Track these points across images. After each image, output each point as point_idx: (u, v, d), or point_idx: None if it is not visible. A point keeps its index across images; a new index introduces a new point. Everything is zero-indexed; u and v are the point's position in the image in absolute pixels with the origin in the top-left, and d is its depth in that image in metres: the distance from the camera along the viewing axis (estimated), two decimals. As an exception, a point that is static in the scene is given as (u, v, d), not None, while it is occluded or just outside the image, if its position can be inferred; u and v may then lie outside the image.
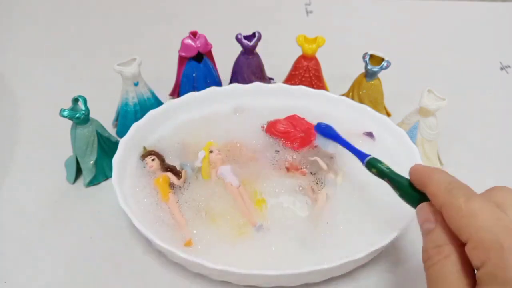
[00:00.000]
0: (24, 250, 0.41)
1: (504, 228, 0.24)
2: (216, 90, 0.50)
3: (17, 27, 0.72)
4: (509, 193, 0.27)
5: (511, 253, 0.23)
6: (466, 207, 0.25)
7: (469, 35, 0.72)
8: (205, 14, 0.76)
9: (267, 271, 0.34)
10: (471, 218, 0.25)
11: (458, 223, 0.25)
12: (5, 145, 0.51)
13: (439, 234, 0.27)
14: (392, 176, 0.33)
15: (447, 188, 0.27)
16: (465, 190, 0.27)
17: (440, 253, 0.26)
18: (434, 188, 0.28)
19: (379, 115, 0.47)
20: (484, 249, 0.24)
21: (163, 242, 0.35)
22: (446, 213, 0.26)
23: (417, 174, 0.30)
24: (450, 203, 0.26)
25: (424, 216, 0.28)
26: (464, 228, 0.25)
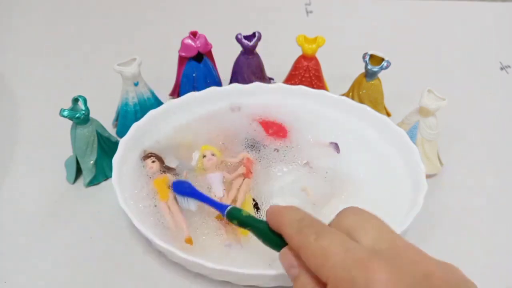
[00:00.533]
0: (24, 250, 0.41)
1: (354, 262, 0.23)
2: (216, 90, 0.50)
3: (17, 27, 0.72)
4: (357, 216, 0.27)
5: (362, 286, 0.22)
6: (316, 246, 0.25)
7: (469, 35, 0.72)
8: (205, 14, 0.76)
9: (267, 271, 0.34)
10: (323, 258, 0.24)
11: (314, 264, 0.25)
12: (5, 145, 0.51)
13: (305, 278, 0.26)
14: (253, 223, 0.32)
15: (298, 227, 0.27)
16: (315, 227, 0.26)
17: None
18: (287, 229, 0.27)
19: (379, 115, 0.47)
20: None
21: (163, 242, 0.35)
22: (303, 255, 0.26)
23: (272, 216, 0.29)
24: (302, 244, 0.26)
25: (287, 262, 0.28)
26: (320, 269, 0.25)
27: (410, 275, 0.23)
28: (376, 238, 0.25)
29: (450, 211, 0.45)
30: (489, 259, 0.41)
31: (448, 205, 0.45)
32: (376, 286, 0.22)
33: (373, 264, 0.23)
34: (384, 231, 0.26)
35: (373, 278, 0.22)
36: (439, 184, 0.47)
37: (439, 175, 0.48)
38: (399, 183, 0.42)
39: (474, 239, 0.42)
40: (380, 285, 0.22)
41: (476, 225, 0.44)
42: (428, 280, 0.23)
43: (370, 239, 0.25)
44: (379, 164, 0.44)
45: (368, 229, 0.26)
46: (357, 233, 0.25)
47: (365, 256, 0.24)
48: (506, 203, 0.46)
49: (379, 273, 0.22)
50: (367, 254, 0.24)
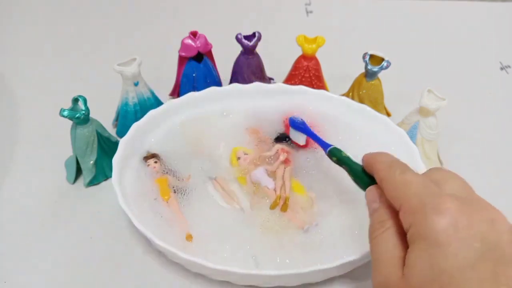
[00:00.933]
0: (24, 250, 0.41)
1: (429, 193, 0.26)
2: (216, 90, 0.50)
3: (17, 27, 0.72)
4: (444, 172, 0.29)
5: (432, 212, 0.24)
6: (400, 178, 0.28)
7: (469, 35, 0.72)
8: (205, 14, 0.76)
9: (267, 271, 0.34)
10: (403, 187, 0.27)
11: (393, 192, 0.28)
12: (5, 145, 0.51)
13: (383, 211, 0.29)
14: (349, 162, 0.36)
15: (389, 164, 0.30)
16: (402, 166, 0.29)
17: (382, 227, 0.28)
18: (377, 166, 0.31)
19: (379, 115, 0.47)
20: (411, 212, 0.26)
21: (163, 242, 0.35)
22: (385, 186, 0.29)
23: (367, 158, 0.33)
24: (387, 176, 0.29)
25: (370, 197, 0.31)
26: (397, 196, 0.27)
27: (478, 214, 0.25)
28: (457, 188, 0.27)
29: (450, 211, 0.45)
30: None
31: (448, 205, 0.45)
32: (443, 212, 0.24)
33: (446, 197, 0.25)
34: (465, 186, 0.28)
35: (443, 206, 0.24)
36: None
37: (439, 175, 0.48)
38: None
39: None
40: (447, 212, 0.24)
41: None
42: (493, 224, 0.24)
43: (451, 187, 0.27)
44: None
45: (452, 181, 0.28)
46: (442, 183, 0.28)
47: (441, 192, 0.26)
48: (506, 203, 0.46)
49: (449, 203, 0.25)
50: (443, 193, 0.26)
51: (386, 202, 0.29)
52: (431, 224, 0.24)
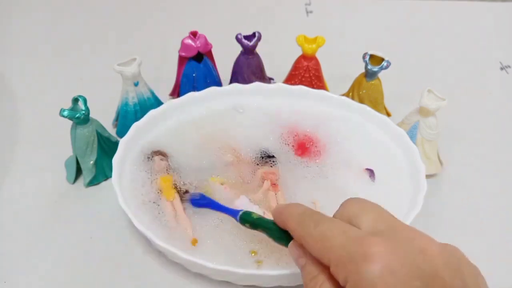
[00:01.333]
0: (24, 250, 0.41)
1: (352, 240, 0.24)
2: (216, 90, 0.50)
3: (17, 27, 0.72)
4: (358, 204, 0.28)
5: (362, 261, 0.23)
6: (316, 232, 0.26)
7: (469, 35, 0.72)
8: (205, 14, 0.76)
9: (267, 271, 0.34)
10: (323, 241, 0.26)
11: (315, 250, 0.26)
12: (5, 145, 0.51)
13: (311, 267, 0.27)
14: (263, 224, 0.33)
15: (300, 219, 0.28)
16: (314, 216, 0.28)
17: (316, 283, 0.26)
18: (290, 224, 0.29)
19: (379, 115, 0.47)
20: (342, 266, 0.24)
21: (163, 242, 0.35)
22: (305, 244, 0.27)
23: (277, 213, 0.31)
24: (303, 233, 0.27)
25: (295, 253, 0.29)
26: (321, 253, 0.26)
27: (406, 249, 0.24)
28: (375, 221, 0.26)
29: (450, 211, 0.45)
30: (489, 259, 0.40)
31: (448, 205, 0.45)
32: (373, 259, 0.23)
33: (370, 240, 0.24)
34: (383, 215, 0.27)
35: (370, 251, 0.23)
36: (439, 184, 0.47)
37: (439, 175, 0.48)
38: (399, 183, 0.42)
39: (474, 239, 0.42)
40: (377, 257, 0.23)
41: (476, 225, 0.44)
42: (423, 254, 0.24)
43: (369, 222, 0.26)
44: (379, 164, 0.44)
45: (368, 214, 0.27)
46: (357, 220, 0.27)
47: (362, 235, 0.25)
48: (506, 203, 0.46)
49: (376, 246, 0.23)
50: (364, 234, 0.25)
51: (312, 257, 0.27)
52: (365, 274, 0.23)
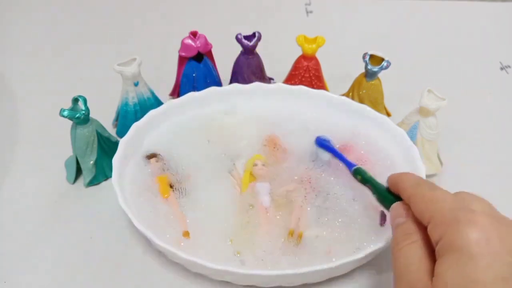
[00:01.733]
0: (24, 250, 0.41)
1: (460, 208, 0.26)
2: (216, 90, 0.50)
3: (17, 27, 0.72)
4: (471, 194, 0.29)
5: (465, 225, 0.25)
6: (429, 194, 0.29)
7: (469, 35, 0.72)
8: (205, 14, 0.76)
9: (267, 271, 0.34)
10: (433, 202, 0.28)
11: (422, 207, 0.28)
12: (5, 145, 0.51)
13: (409, 224, 0.29)
14: (373, 182, 0.37)
15: (415, 183, 0.31)
16: (430, 184, 0.30)
17: (408, 239, 0.28)
18: (404, 184, 0.31)
19: (379, 115, 0.47)
20: (443, 224, 0.26)
21: (163, 242, 0.35)
22: (413, 202, 0.29)
23: (392, 178, 0.34)
24: (416, 193, 0.30)
25: (396, 212, 0.31)
26: (426, 211, 0.28)
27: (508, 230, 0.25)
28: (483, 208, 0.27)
29: (450, 211, 0.45)
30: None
31: (448, 205, 0.45)
32: (476, 225, 0.25)
33: (478, 213, 0.26)
34: (492, 207, 0.28)
35: (475, 219, 0.25)
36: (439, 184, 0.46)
37: (439, 175, 0.48)
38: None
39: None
40: (480, 225, 0.25)
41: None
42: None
43: (477, 207, 0.27)
44: (379, 164, 0.44)
45: (478, 202, 0.28)
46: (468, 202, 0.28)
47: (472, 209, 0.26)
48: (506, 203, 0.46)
49: (481, 218, 0.25)
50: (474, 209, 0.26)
51: (412, 217, 0.29)
52: (464, 236, 0.24)
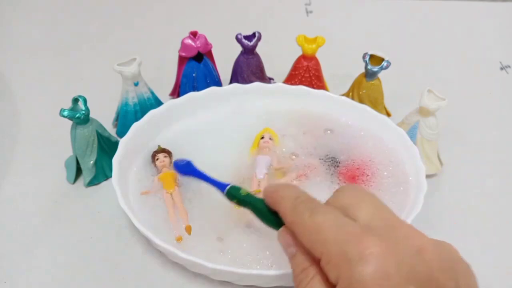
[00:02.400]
0: (24, 250, 0.41)
1: (347, 237, 0.23)
2: (216, 90, 0.50)
3: (17, 27, 0.72)
4: (355, 193, 0.27)
5: (356, 262, 0.22)
6: (310, 222, 0.25)
7: (469, 35, 0.72)
8: (205, 14, 0.76)
9: (267, 271, 0.34)
10: (317, 233, 0.24)
11: (307, 240, 0.25)
12: (5, 145, 0.51)
13: (301, 256, 0.26)
14: (252, 202, 0.31)
15: (293, 204, 0.27)
16: (309, 204, 0.26)
17: (307, 276, 0.25)
18: (282, 207, 0.28)
19: (379, 115, 0.47)
20: (334, 263, 0.23)
21: (163, 242, 0.35)
22: (296, 232, 0.26)
23: (269, 193, 0.29)
24: (296, 221, 0.26)
25: (284, 241, 0.28)
26: (313, 244, 0.25)
27: (403, 249, 0.23)
28: (372, 215, 0.25)
29: (450, 211, 0.45)
30: (489, 259, 0.41)
31: (448, 205, 0.45)
32: (369, 259, 0.22)
33: (366, 238, 0.23)
34: (380, 209, 0.26)
35: (366, 252, 0.22)
36: (439, 184, 0.47)
37: (439, 175, 0.48)
38: (399, 183, 0.42)
39: (474, 239, 0.42)
40: (372, 259, 0.22)
41: (476, 225, 0.44)
42: (420, 255, 0.23)
43: (365, 216, 0.25)
44: (378, 164, 0.44)
45: (364, 206, 0.26)
46: (353, 210, 0.25)
47: (359, 232, 0.24)
48: (506, 203, 0.46)
49: (372, 247, 0.22)
50: (361, 230, 0.24)
51: (303, 247, 0.26)
52: (359, 276, 0.22)
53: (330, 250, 0.23)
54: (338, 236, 0.24)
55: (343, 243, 0.23)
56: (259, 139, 0.45)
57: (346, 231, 0.24)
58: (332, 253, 0.23)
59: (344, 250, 0.23)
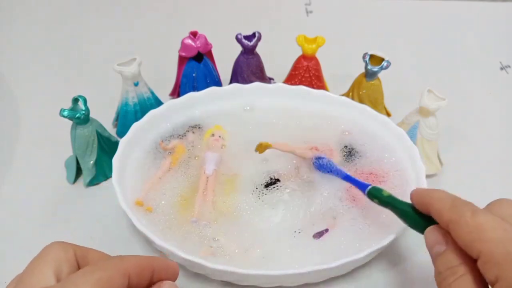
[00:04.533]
0: (24, 250, 0.40)
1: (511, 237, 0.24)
2: (216, 90, 0.50)
3: (17, 27, 0.72)
4: (509, 205, 0.27)
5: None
6: (472, 221, 0.25)
7: (469, 35, 0.72)
8: (205, 14, 0.76)
9: (267, 271, 0.34)
10: (479, 232, 0.25)
11: (467, 238, 0.25)
12: (5, 145, 0.51)
13: (451, 255, 0.26)
14: (394, 204, 0.33)
15: (452, 204, 0.27)
16: (470, 206, 0.27)
17: (454, 274, 0.25)
18: (438, 206, 0.28)
19: (379, 115, 0.47)
20: (496, 263, 0.23)
21: (163, 242, 0.35)
22: (454, 230, 0.26)
23: (419, 197, 0.30)
24: (456, 219, 0.26)
25: (433, 239, 0.28)
26: (473, 243, 0.25)
27: None
28: None
29: (450, 211, 0.45)
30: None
31: (448, 205, 0.45)
32: None
33: None
34: None
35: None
36: (439, 184, 0.47)
37: (439, 175, 0.48)
38: (399, 183, 0.42)
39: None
40: None
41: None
42: None
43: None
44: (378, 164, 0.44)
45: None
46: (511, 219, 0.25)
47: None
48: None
49: None
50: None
51: (453, 244, 0.26)
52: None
53: (493, 250, 0.24)
54: (503, 238, 0.24)
55: (509, 244, 0.23)
56: (209, 135, 0.46)
57: (510, 233, 0.24)
58: (494, 252, 0.24)
59: (509, 250, 0.23)
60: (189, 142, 0.46)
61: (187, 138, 0.46)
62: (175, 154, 0.45)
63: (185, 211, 0.40)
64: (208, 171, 0.43)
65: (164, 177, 0.43)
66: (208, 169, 0.43)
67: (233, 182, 0.42)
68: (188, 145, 0.46)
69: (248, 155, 0.44)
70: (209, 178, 0.42)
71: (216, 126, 0.47)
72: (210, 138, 0.46)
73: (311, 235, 0.38)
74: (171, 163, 0.44)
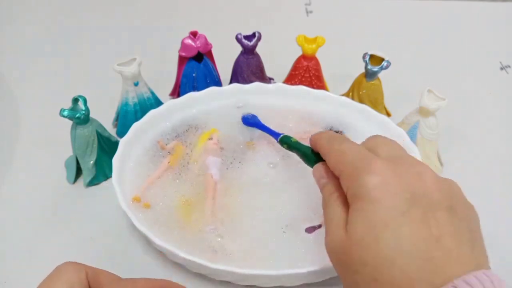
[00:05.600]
0: (24, 250, 0.41)
1: (362, 158, 0.28)
2: (216, 90, 0.50)
3: (17, 27, 0.72)
4: (381, 138, 0.31)
5: (364, 173, 0.27)
6: (338, 148, 0.31)
7: (469, 35, 0.72)
8: (205, 14, 0.76)
9: (267, 271, 0.34)
10: (341, 156, 0.30)
11: (333, 163, 0.30)
12: (5, 145, 0.51)
13: (330, 185, 0.31)
14: (298, 146, 0.38)
15: (329, 139, 0.33)
16: (340, 139, 0.32)
17: (332, 197, 0.30)
18: (320, 142, 0.33)
19: (379, 115, 0.47)
20: (348, 176, 0.28)
21: (163, 242, 0.35)
22: (327, 159, 0.31)
23: (312, 139, 0.35)
24: (328, 148, 0.32)
25: (318, 174, 0.33)
26: (337, 165, 0.30)
27: (405, 170, 0.27)
28: (389, 151, 0.30)
29: (450, 211, 0.45)
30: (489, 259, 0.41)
31: (448, 205, 0.45)
32: (374, 171, 0.26)
33: (376, 159, 0.28)
34: (397, 148, 0.30)
35: (373, 166, 0.27)
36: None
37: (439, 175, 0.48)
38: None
39: (474, 239, 0.42)
40: (377, 171, 0.26)
41: (476, 225, 0.44)
42: (419, 176, 0.27)
43: (383, 152, 0.29)
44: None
45: (384, 146, 0.30)
46: (376, 149, 0.30)
47: (372, 156, 0.28)
48: (506, 203, 0.46)
49: (379, 164, 0.27)
50: (374, 155, 0.28)
51: (333, 176, 0.31)
52: (364, 183, 0.26)
53: (347, 166, 0.29)
54: (355, 157, 0.29)
55: (357, 161, 0.28)
56: (206, 139, 0.46)
57: (362, 155, 0.29)
58: (348, 168, 0.28)
59: (357, 165, 0.28)
60: (189, 142, 0.46)
61: (187, 138, 0.46)
62: (175, 154, 0.45)
63: (189, 215, 0.40)
64: (216, 176, 0.42)
65: (164, 177, 0.43)
66: (215, 174, 0.43)
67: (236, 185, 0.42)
68: (188, 145, 0.46)
69: (248, 155, 0.44)
70: (217, 183, 0.42)
71: (213, 130, 0.47)
72: (208, 142, 0.46)
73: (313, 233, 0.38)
74: (170, 162, 0.44)
